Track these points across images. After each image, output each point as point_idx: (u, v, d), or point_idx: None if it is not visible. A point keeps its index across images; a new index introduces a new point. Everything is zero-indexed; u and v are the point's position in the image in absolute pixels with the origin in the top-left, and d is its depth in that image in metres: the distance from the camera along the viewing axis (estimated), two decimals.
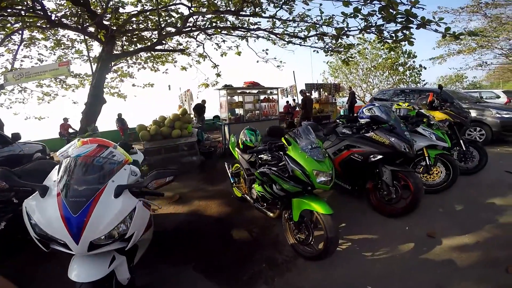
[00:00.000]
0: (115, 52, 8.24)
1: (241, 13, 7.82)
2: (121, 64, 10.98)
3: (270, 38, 8.82)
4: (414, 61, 20.28)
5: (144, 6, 7.89)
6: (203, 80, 11.33)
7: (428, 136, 3.62)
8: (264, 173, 2.65)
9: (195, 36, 9.63)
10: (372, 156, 3.08)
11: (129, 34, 8.58)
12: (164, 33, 7.95)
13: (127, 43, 9.33)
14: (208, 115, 12.30)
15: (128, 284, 1.69)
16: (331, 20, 7.83)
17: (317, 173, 2.27)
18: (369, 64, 21.08)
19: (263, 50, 9.03)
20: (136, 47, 9.03)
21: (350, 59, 8.50)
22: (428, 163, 3.58)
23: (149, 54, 10.35)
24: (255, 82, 8.06)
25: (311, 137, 2.51)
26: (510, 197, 3.48)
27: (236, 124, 7.48)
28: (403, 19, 4.21)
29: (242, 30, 8.94)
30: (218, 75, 10.58)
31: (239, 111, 7.80)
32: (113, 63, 9.33)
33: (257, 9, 8.01)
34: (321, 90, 11.39)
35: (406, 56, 20.07)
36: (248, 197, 3.38)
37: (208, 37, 9.34)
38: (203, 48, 10.36)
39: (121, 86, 11.78)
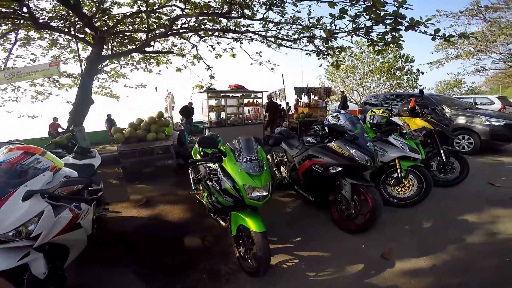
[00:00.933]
0: (104, 53, 8.20)
1: (228, 15, 7.73)
2: (113, 65, 10.91)
3: (265, 41, 8.76)
4: (411, 66, 20.09)
5: (141, 7, 7.77)
6: (197, 82, 11.41)
7: (400, 146, 3.36)
8: (206, 183, 2.46)
9: (188, 38, 9.66)
10: (331, 168, 2.84)
11: (120, 36, 8.49)
12: (151, 35, 7.92)
13: (118, 45, 9.24)
14: (200, 117, 12.18)
15: (51, 281, 1.85)
16: (319, 21, 7.74)
17: (248, 188, 2.05)
18: (366, 68, 20.84)
19: (256, 53, 8.97)
20: (126, 49, 9.01)
21: (340, 62, 8.25)
22: (399, 175, 3.33)
23: (141, 55, 10.35)
24: (239, 85, 7.85)
25: (251, 148, 2.30)
26: (486, 212, 3.20)
27: (217, 128, 7.26)
28: (392, 21, 4.07)
29: (232, 32, 8.87)
30: (212, 77, 10.53)
31: (223, 114, 7.57)
32: (103, 64, 9.25)
33: (247, 11, 7.94)
34: (311, 94, 11.14)
35: (403, 60, 19.85)
36: (205, 205, 3.18)
37: (201, 39, 9.29)
38: (197, 50, 10.37)
39: (112, 86, 11.77)
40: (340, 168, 2.78)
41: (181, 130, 8.58)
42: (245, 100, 7.69)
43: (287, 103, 12.61)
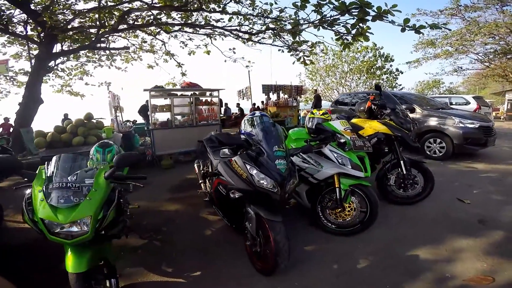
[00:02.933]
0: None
1: (184, 8, 6.99)
2: (74, 62, 10.34)
3: (231, 35, 8.21)
4: (391, 65, 19.81)
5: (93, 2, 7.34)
6: (169, 79, 10.68)
7: (336, 161, 2.58)
8: None
9: (155, 34, 9.13)
10: (231, 191, 2.01)
11: (72, 32, 7.82)
12: (102, 31, 7.35)
13: (71, 41, 8.44)
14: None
15: None
16: (282, 12, 7.08)
17: (49, 223, 1.45)
18: (346, 67, 20.39)
19: (230, 49, 8.54)
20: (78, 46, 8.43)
21: (307, 57, 7.59)
22: (337, 197, 2.55)
23: (106, 52, 9.72)
24: (192, 83, 6.95)
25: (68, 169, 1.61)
26: (446, 244, 2.45)
27: (163, 130, 6.31)
28: (357, 11, 3.70)
29: (193, 26, 8.18)
30: (183, 74, 9.86)
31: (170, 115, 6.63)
32: (56, 62, 8.66)
33: (214, 6, 7.29)
34: (281, 92, 10.33)
35: (383, 59, 19.52)
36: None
37: (168, 34, 8.76)
38: (165, 46, 9.75)
39: (75, 83, 11.14)
40: (239, 193, 1.96)
41: (127, 132, 7.58)
42: (200, 99, 6.75)
43: (262, 102, 11.83)
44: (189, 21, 8.09)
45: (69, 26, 7.43)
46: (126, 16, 7.26)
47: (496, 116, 17.22)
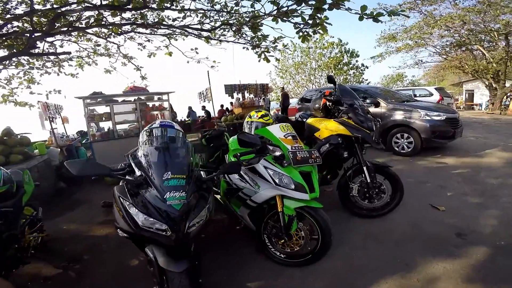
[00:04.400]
0: None
1: (125, 7, 6.17)
2: (15, 70, 8.69)
3: (201, 36, 7.33)
4: (357, 61, 20.02)
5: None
6: (127, 84, 9.73)
7: (271, 180, 1.95)
8: None
9: (105, 36, 7.98)
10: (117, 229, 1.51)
11: (4, 38, 6.43)
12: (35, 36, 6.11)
13: (5, 48, 7.14)
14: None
15: None
16: (238, 4, 6.51)
17: None
18: (314, 64, 20.33)
19: (192, 49, 7.48)
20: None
21: (266, 52, 7.02)
22: (281, 224, 1.94)
23: (50, 58, 8.26)
24: (136, 87, 6.08)
25: None
26: (420, 268, 1.94)
27: (103, 142, 5.39)
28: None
29: (140, 26, 7.29)
30: (143, 77, 9.00)
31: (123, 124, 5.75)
32: None
33: (167, 4, 6.53)
34: (245, 91, 9.69)
35: (349, 55, 19.68)
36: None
37: (125, 37, 7.63)
38: (118, 48, 8.74)
39: (21, 92, 9.54)
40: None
41: (67, 145, 6.53)
42: (147, 105, 5.91)
43: (231, 103, 11.12)
44: (144, 22, 7.24)
45: (1, 32, 6.31)
46: (57, 20, 6.33)
47: (456, 106, 18.03)
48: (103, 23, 6.81)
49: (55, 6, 6.19)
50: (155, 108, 6.01)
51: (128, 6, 6.12)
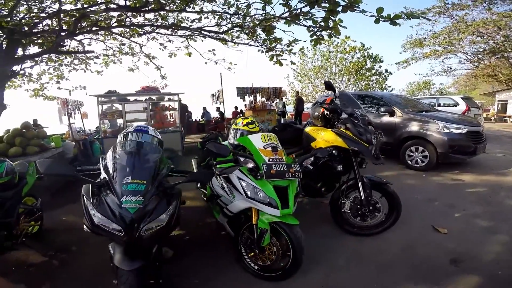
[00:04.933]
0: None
1: (143, 9, 6.45)
2: (46, 66, 9.46)
3: (218, 38, 7.29)
4: (380, 66, 19.33)
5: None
6: (149, 82, 10.16)
7: (243, 192, 1.89)
8: None
9: (128, 36, 8.27)
10: None
11: (37, 36, 7.05)
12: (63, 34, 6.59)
13: (39, 46, 7.77)
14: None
15: None
16: (249, 7, 6.53)
17: None
18: (335, 69, 19.89)
19: (209, 51, 7.71)
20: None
21: (279, 56, 6.98)
22: (254, 237, 1.90)
23: (78, 56, 8.90)
24: (148, 87, 6.27)
25: None
26: None
27: (114, 138, 5.58)
28: (326, 1, 3.34)
29: (163, 27, 7.55)
30: (163, 77, 9.35)
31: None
32: (21, 67, 7.73)
33: (183, 5, 6.74)
34: (257, 94, 9.65)
35: (372, 60, 19.06)
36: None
37: (147, 37, 8.01)
38: (141, 48, 9.15)
39: (51, 87, 10.36)
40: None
41: (83, 139, 6.84)
42: (158, 104, 6.07)
43: (245, 106, 11.17)
44: (165, 23, 7.52)
45: (35, 30, 6.76)
46: (82, 20, 6.69)
47: (487, 117, 16.81)
48: (123, 23, 7.16)
49: (80, 6, 6.55)
50: (164, 108, 6.13)
51: (146, 8, 6.43)
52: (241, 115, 11.10)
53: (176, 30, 7.91)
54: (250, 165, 1.90)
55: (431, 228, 2.71)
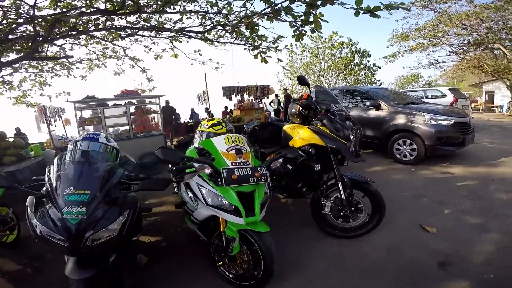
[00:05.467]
0: None
1: (119, 12, 6.19)
2: (25, 73, 9.13)
3: (202, 38, 7.11)
4: (368, 61, 19.34)
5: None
6: (136, 86, 9.88)
7: (202, 199, 1.72)
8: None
9: (110, 40, 8.00)
10: None
11: (13, 43, 6.75)
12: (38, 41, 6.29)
13: (16, 53, 7.42)
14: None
15: None
16: (230, 5, 6.33)
17: None
18: (323, 64, 19.83)
19: (195, 51, 7.62)
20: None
21: (263, 53, 6.82)
22: (223, 244, 1.76)
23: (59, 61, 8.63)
24: (128, 91, 6.03)
25: None
26: None
27: None
28: None
29: (128, 29, 7.27)
30: (149, 79, 9.06)
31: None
32: None
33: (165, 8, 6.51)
34: (245, 93, 9.43)
35: (360, 55, 19.04)
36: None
37: (130, 39, 7.77)
38: (124, 52, 8.86)
39: (35, 94, 10.04)
40: None
41: (65, 147, 6.54)
42: (133, 109, 5.83)
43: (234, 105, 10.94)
44: (146, 25, 7.24)
45: (11, 37, 6.47)
46: (58, 24, 6.36)
47: (475, 108, 16.97)
48: (102, 27, 6.87)
49: (59, 11, 6.24)
50: (146, 111, 5.88)
51: (122, 11, 6.15)
52: (231, 114, 10.89)
53: (160, 32, 7.68)
54: (207, 170, 1.70)
55: (419, 227, 2.54)
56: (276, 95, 11.73)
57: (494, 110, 16.35)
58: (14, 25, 6.27)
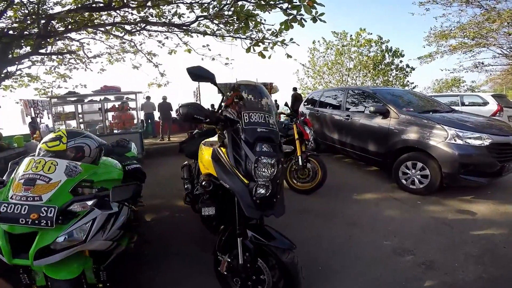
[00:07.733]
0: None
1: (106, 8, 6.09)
2: (42, 67, 9.68)
3: (189, 30, 7.24)
4: (401, 61, 17.50)
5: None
6: (151, 80, 9.97)
7: None
8: None
9: (122, 35, 8.08)
10: None
11: (24, 39, 7.01)
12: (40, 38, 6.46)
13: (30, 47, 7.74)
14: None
15: None
16: None
17: None
18: (349, 64, 18.31)
19: (203, 46, 7.47)
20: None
21: (256, 46, 6.42)
22: None
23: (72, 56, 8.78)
24: (108, 86, 5.78)
25: None
26: None
27: None
28: None
29: (125, 24, 7.05)
30: (162, 74, 9.01)
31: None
32: (9, 69, 7.62)
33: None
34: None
35: (391, 54, 17.25)
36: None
37: (143, 34, 7.90)
38: (137, 47, 8.72)
39: (59, 86, 10.62)
40: None
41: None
42: (111, 105, 5.42)
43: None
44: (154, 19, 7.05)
45: (25, 33, 6.73)
46: (50, 22, 6.51)
47: None
48: (101, 23, 6.78)
49: (71, 7, 6.40)
50: (120, 108, 5.43)
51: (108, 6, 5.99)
52: None
53: (173, 27, 7.35)
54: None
55: None
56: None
57: None
58: (21, 23, 6.48)
